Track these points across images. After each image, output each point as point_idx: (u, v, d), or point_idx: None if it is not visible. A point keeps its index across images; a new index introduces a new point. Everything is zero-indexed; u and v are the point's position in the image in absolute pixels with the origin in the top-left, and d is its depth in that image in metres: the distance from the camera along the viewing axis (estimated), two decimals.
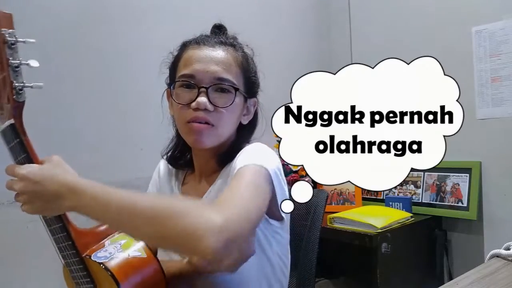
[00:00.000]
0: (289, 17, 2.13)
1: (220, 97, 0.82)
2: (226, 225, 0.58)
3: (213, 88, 0.82)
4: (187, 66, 0.84)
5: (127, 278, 0.67)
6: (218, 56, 0.84)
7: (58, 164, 0.74)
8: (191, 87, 0.83)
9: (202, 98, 0.80)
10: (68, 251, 0.72)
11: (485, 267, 0.88)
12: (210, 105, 0.81)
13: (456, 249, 1.79)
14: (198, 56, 0.84)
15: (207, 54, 0.84)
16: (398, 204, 1.76)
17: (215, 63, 0.83)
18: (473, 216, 1.67)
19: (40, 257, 1.33)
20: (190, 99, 0.82)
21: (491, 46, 1.66)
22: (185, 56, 0.86)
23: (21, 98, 0.66)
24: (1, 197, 1.26)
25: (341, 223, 1.62)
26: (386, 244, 1.50)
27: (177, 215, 0.60)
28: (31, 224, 1.31)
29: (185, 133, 0.85)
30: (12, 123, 0.66)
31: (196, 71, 0.82)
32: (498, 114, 1.65)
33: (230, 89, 0.83)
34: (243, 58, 0.89)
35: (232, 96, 0.83)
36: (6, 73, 0.63)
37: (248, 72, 0.89)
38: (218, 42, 0.87)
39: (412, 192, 1.86)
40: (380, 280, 1.49)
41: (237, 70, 0.86)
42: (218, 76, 0.82)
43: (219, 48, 0.86)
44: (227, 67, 0.84)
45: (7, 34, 0.61)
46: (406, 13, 1.93)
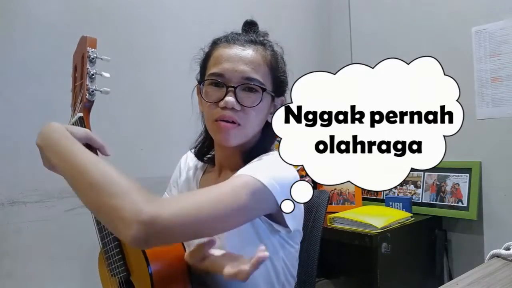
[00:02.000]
0: (289, 17, 2.13)
1: (248, 96, 0.83)
2: (153, 221, 0.58)
3: (241, 87, 0.83)
4: (216, 64, 0.85)
5: (157, 260, 0.74)
6: (248, 55, 0.85)
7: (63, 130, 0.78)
8: (220, 86, 0.84)
9: (230, 97, 0.81)
10: (106, 230, 0.82)
11: (485, 267, 0.88)
12: (238, 105, 0.82)
13: (456, 249, 1.79)
14: (227, 55, 0.85)
15: (236, 53, 0.85)
16: (398, 204, 1.76)
17: (244, 62, 0.84)
18: (473, 216, 1.67)
19: (40, 257, 1.33)
20: (218, 98, 0.83)
21: (491, 46, 1.66)
22: (215, 54, 0.87)
23: (92, 98, 0.85)
24: (1, 197, 1.27)
25: (341, 223, 1.62)
26: (386, 244, 1.50)
27: (115, 192, 0.60)
28: (31, 224, 1.32)
29: (212, 130, 0.87)
30: (81, 116, 0.85)
31: (225, 70, 0.83)
32: (498, 114, 1.65)
33: (257, 89, 0.84)
34: (272, 57, 0.90)
35: (259, 96, 0.84)
36: (84, 80, 0.84)
37: (276, 71, 0.90)
38: (248, 40, 0.88)
39: (412, 192, 1.86)
40: (380, 280, 1.49)
41: (266, 70, 0.87)
42: (247, 76, 0.83)
43: (249, 47, 0.87)
44: (255, 67, 0.85)
45: (90, 52, 0.84)
46: (406, 13, 1.93)
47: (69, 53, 0.95)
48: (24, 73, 1.32)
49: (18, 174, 1.29)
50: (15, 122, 1.30)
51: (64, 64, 1.46)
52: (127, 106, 1.52)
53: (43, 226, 1.34)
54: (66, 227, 1.38)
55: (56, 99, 1.37)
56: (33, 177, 1.31)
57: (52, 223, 1.35)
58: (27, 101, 1.32)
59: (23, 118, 1.31)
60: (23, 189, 1.30)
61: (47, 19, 1.37)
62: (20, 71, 1.32)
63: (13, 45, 1.31)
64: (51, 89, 1.37)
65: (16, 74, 1.31)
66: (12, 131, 1.29)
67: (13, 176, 1.29)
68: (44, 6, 1.37)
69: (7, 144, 1.28)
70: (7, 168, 1.28)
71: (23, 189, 1.30)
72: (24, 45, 1.32)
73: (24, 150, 1.31)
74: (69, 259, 1.37)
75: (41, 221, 1.33)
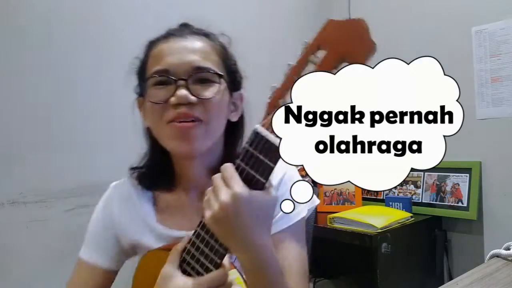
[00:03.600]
0: (289, 17, 2.13)
1: (203, 88, 0.71)
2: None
3: (192, 79, 0.70)
4: (158, 61, 0.72)
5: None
6: (193, 45, 0.73)
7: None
8: (167, 83, 0.71)
9: (182, 90, 0.68)
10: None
11: (485, 267, 0.88)
12: (193, 97, 0.69)
13: (456, 249, 1.79)
14: (170, 49, 0.72)
15: (179, 44, 0.73)
16: (398, 204, 1.76)
17: (190, 52, 0.72)
18: (473, 216, 1.67)
19: (41, 257, 1.33)
20: (168, 96, 0.69)
21: (491, 46, 1.66)
22: (154, 53, 0.75)
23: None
24: (1, 197, 1.27)
25: (341, 223, 1.62)
26: (386, 244, 1.50)
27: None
28: (31, 224, 1.32)
29: (167, 137, 0.72)
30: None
31: (169, 64, 0.71)
32: (498, 114, 1.65)
33: (212, 77, 0.72)
34: (221, 47, 0.78)
35: (216, 86, 0.72)
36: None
37: (228, 60, 0.78)
38: (189, 32, 0.76)
39: (412, 192, 1.86)
40: (380, 280, 1.49)
41: (217, 59, 0.75)
42: (197, 66, 0.71)
43: (193, 38, 0.75)
44: (205, 55, 0.73)
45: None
46: (406, 13, 1.93)
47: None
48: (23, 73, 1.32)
49: (18, 174, 1.29)
50: (15, 122, 1.30)
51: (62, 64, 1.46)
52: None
53: (43, 226, 1.34)
54: (66, 227, 1.38)
55: (55, 99, 1.38)
56: (33, 177, 1.32)
57: (52, 223, 1.35)
58: (27, 101, 1.32)
59: (23, 118, 1.31)
60: (23, 189, 1.30)
61: None
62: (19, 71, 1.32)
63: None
64: (51, 89, 1.37)
65: (16, 74, 1.31)
66: (12, 131, 1.29)
67: (13, 176, 1.29)
68: None
69: (7, 144, 1.28)
70: (7, 168, 1.28)
71: (23, 189, 1.30)
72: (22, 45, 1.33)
73: (24, 150, 1.31)
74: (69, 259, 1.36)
75: (41, 221, 1.33)
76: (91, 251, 0.81)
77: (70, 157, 1.39)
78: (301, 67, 0.56)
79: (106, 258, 0.80)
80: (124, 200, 0.82)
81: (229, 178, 0.55)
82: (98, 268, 0.79)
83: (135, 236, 0.79)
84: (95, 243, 0.81)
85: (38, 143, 1.33)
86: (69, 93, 1.40)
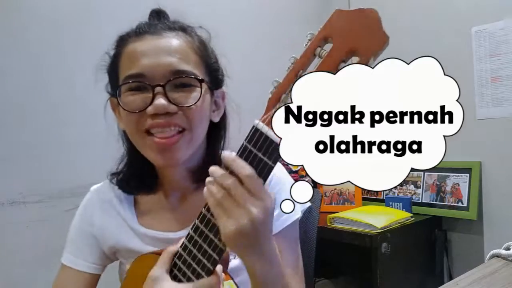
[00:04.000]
0: (289, 17, 2.13)
1: (183, 94, 0.66)
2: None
3: (171, 84, 0.65)
4: (132, 63, 0.66)
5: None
6: (168, 44, 0.67)
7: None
8: (142, 89, 0.66)
9: (160, 99, 0.64)
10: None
11: (485, 267, 0.88)
12: (172, 106, 0.64)
13: (456, 249, 1.79)
14: (143, 49, 0.66)
15: (154, 44, 0.67)
16: (398, 204, 1.76)
17: (166, 53, 0.66)
18: (473, 216, 1.67)
19: (41, 257, 1.33)
20: (144, 104, 0.64)
21: (491, 46, 1.66)
22: (127, 52, 0.68)
23: None
24: (1, 197, 1.27)
25: (341, 223, 1.62)
26: (386, 244, 1.50)
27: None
28: (31, 224, 1.32)
29: (147, 148, 0.68)
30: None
31: (144, 67, 0.65)
32: (498, 114, 1.65)
33: (192, 82, 0.67)
34: (200, 43, 0.72)
35: (197, 90, 0.67)
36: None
37: (209, 58, 0.73)
38: (164, 28, 0.69)
39: (412, 192, 1.86)
40: (380, 280, 1.49)
41: (196, 58, 0.70)
42: (175, 69, 0.66)
43: (167, 35, 0.68)
44: (183, 56, 0.67)
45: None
46: (406, 13, 1.93)
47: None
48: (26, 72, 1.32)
49: (18, 174, 1.29)
50: (15, 122, 1.30)
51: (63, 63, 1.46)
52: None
53: (43, 226, 1.34)
54: (66, 227, 1.37)
55: (55, 99, 1.38)
56: (33, 177, 1.32)
57: (52, 223, 1.35)
58: (27, 101, 1.32)
59: (23, 118, 1.31)
60: (23, 189, 1.30)
61: None
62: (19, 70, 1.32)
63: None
64: (51, 89, 1.37)
65: (15, 74, 1.31)
66: (12, 131, 1.29)
67: (13, 176, 1.29)
68: None
69: (7, 144, 1.28)
70: (7, 168, 1.28)
71: (23, 189, 1.30)
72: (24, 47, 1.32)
73: (24, 150, 1.31)
74: None
75: (41, 221, 1.33)
76: (72, 256, 0.79)
77: (70, 157, 1.39)
78: (307, 60, 0.52)
79: (88, 262, 0.79)
80: (105, 204, 0.80)
81: (259, 190, 0.51)
82: (80, 273, 0.78)
83: (117, 239, 0.77)
84: (76, 248, 0.80)
85: (38, 143, 1.33)
86: (69, 93, 1.40)
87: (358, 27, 0.49)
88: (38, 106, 1.35)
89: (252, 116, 0.55)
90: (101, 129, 0.83)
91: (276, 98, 0.53)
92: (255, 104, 0.64)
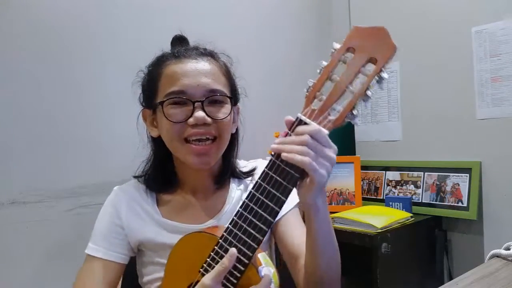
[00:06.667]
0: (290, 17, 2.13)
1: (216, 109, 0.81)
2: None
3: (207, 101, 0.80)
4: (173, 82, 0.80)
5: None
6: (204, 67, 0.82)
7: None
8: (183, 104, 0.80)
9: (200, 112, 0.78)
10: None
11: (485, 267, 0.88)
12: (209, 118, 0.79)
13: (456, 249, 1.79)
14: (184, 71, 0.81)
15: (192, 67, 0.81)
16: (398, 204, 1.76)
17: (203, 75, 0.81)
18: (473, 216, 1.67)
19: (41, 257, 1.33)
20: (186, 116, 0.79)
21: (491, 46, 1.66)
22: (167, 72, 0.82)
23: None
24: (1, 197, 1.27)
25: (341, 223, 1.62)
26: (386, 244, 1.50)
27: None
28: (31, 224, 1.32)
29: (186, 154, 0.82)
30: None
31: (186, 86, 0.80)
32: (498, 114, 1.65)
33: (223, 99, 0.83)
34: (225, 66, 0.88)
35: (227, 106, 0.83)
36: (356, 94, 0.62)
37: (232, 79, 0.89)
38: (198, 53, 0.85)
39: (412, 192, 1.86)
40: (380, 280, 1.49)
41: (224, 79, 0.85)
42: (211, 88, 0.81)
43: (202, 60, 0.84)
44: (215, 78, 0.83)
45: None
46: (406, 13, 1.92)
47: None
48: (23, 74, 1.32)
49: (18, 174, 1.29)
50: (15, 122, 1.30)
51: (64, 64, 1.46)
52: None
53: (43, 226, 1.34)
54: (66, 227, 1.38)
55: (56, 98, 1.38)
56: (33, 177, 1.32)
57: (52, 223, 1.35)
58: (27, 101, 1.32)
59: (24, 118, 1.31)
60: (23, 189, 1.30)
61: None
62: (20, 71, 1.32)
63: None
64: (51, 89, 1.37)
65: (15, 74, 1.31)
66: (12, 131, 1.29)
67: (13, 176, 1.29)
68: None
69: (7, 144, 1.28)
70: (7, 168, 1.28)
71: (23, 189, 1.30)
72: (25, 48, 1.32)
73: (24, 150, 1.31)
74: (68, 259, 1.36)
75: (41, 221, 1.33)
76: (103, 248, 0.85)
77: (70, 157, 1.39)
78: (334, 65, 0.64)
79: (119, 253, 0.86)
80: (131, 202, 0.89)
81: (327, 139, 0.61)
82: (111, 263, 0.85)
83: (144, 234, 0.86)
84: (106, 240, 0.86)
85: (38, 143, 1.33)
86: (70, 93, 1.40)
87: (374, 40, 0.63)
88: (38, 106, 1.34)
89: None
90: (101, 130, 0.85)
91: (312, 96, 0.63)
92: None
